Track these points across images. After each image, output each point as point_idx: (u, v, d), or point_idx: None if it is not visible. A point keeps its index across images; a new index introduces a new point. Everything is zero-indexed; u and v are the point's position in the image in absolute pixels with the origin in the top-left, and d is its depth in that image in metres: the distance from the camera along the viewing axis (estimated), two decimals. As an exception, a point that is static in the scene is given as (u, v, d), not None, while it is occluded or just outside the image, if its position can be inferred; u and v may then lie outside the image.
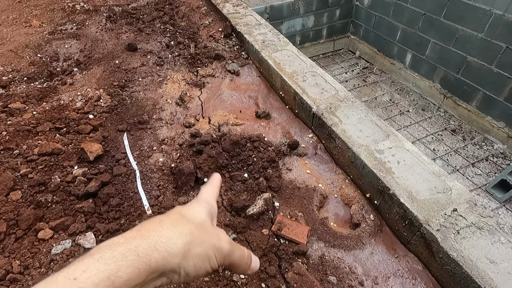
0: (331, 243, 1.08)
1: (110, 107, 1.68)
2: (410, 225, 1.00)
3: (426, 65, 4.03)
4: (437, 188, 1.04)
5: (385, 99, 4.34)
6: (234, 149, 1.35)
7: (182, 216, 0.45)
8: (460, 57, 3.57)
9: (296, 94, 1.52)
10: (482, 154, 3.56)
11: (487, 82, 3.40)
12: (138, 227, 0.42)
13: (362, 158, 1.16)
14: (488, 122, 3.53)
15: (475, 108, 3.63)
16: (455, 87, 3.77)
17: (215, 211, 0.53)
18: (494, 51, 3.20)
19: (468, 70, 3.54)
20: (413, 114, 4.10)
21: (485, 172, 3.36)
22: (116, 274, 0.34)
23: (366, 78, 4.73)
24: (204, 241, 0.43)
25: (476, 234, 0.91)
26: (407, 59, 4.25)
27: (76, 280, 0.33)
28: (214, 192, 0.58)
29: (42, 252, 1.04)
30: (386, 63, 4.62)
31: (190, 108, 1.71)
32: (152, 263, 0.37)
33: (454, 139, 3.75)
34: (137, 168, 1.36)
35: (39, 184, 1.27)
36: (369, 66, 4.95)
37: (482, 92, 3.49)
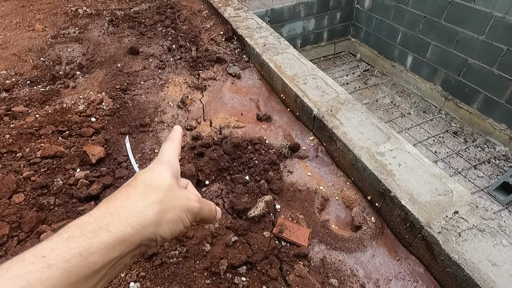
0: (332, 245, 1.08)
1: (112, 110, 1.69)
2: (412, 228, 1.00)
3: (427, 68, 4.03)
4: (438, 190, 1.04)
5: (386, 101, 4.34)
6: (235, 151, 1.36)
7: (147, 186, 0.44)
8: (461, 60, 3.57)
9: (297, 97, 1.53)
10: (484, 156, 3.55)
11: (488, 84, 3.40)
12: (105, 204, 0.41)
13: (363, 160, 1.16)
14: (490, 125, 3.52)
15: (476, 110, 3.62)
16: (456, 90, 3.77)
17: (178, 170, 0.52)
18: (495, 53, 3.20)
19: (469, 73, 3.54)
20: (414, 116, 4.09)
21: (487, 174, 3.35)
22: (89, 251, 0.34)
23: (367, 81, 4.74)
24: (174, 206, 0.44)
25: (478, 237, 0.91)
26: (408, 61, 4.26)
27: (45, 258, 0.32)
28: (175, 148, 0.55)
29: (44, 255, 1.04)
30: (387, 66, 4.63)
31: (191, 111, 1.72)
32: (127, 237, 0.37)
33: (455, 142, 3.74)
34: (139, 170, 1.36)
35: (41, 187, 1.27)
36: (370, 68, 4.96)
37: (484, 95, 3.49)
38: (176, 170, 0.51)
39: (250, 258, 1.01)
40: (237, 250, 1.03)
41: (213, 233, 1.11)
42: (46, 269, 0.31)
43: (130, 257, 0.39)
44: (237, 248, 1.04)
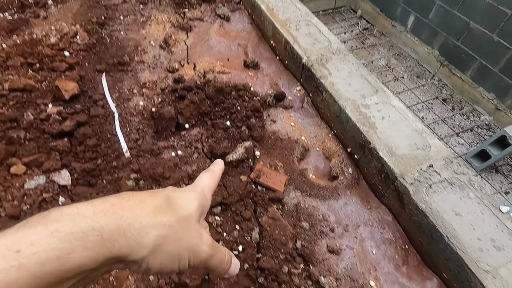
0: (307, 192, 1.10)
1: (87, 45, 1.56)
2: (386, 179, 1.02)
3: (427, 30, 3.87)
4: (417, 144, 1.04)
5: (382, 63, 4.23)
6: (218, 96, 1.30)
7: (168, 203, 0.39)
8: (463, 23, 3.43)
9: (287, 43, 1.44)
10: (468, 124, 3.61)
11: (485, 51, 3.32)
12: (116, 199, 0.35)
13: (347, 112, 1.14)
14: (479, 93, 3.52)
15: (469, 78, 3.59)
16: (453, 55, 3.68)
17: (208, 206, 0.46)
18: (498, 18, 3.07)
19: (469, 38, 3.43)
20: (407, 81, 4.04)
21: (467, 141, 3.44)
22: (68, 256, 0.29)
23: (364, 40, 4.55)
24: (181, 239, 0.37)
25: (447, 189, 0.94)
26: (409, 22, 4.07)
27: (19, 253, 0.27)
28: (213, 181, 0.49)
29: (15, 186, 1.02)
30: (387, 25, 4.42)
31: (174, 52, 1.61)
32: (115, 250, 0.32)
33: (443, 109, 3.76)
34: (116, 110, 1.30)
35: (10, 120, 1.21)
36: (369, 27, 4.73)
37: (479, 62, 3.43)
38: (205, 204, 0.45)
39: (226, 199, 1.02)
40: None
41: (190, 174, 1.10)
42: (14, 270, 0.26)
43: (104, 271, 0.33)
44: (213, 190, 1.04)
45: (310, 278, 0.90)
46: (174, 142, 1.22)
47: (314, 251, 0.95)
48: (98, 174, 1.10)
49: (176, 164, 1.14)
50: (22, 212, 0.95)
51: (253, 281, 0.88)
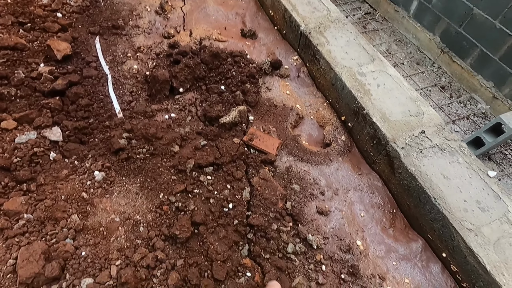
0: (299, 157, 1.10)
1: (81, 7, 1.52)
2: (378, 144, 1.02)
3: (430, 15, 3.82)
4: (411, 112, 1.04)
5: (382, 49, 4.19)
6: (213, 61, 1.28)
7: None
8: (466, 9, 3.38)
9: (285, 11, 1.41)
10: (464, 112, 3.62)
11: (486, 38, 3.29)
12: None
13: (343, 79, 1.13)
14: (478, 82, 3.51)
15: (468, 66, 3.57)
16: (454, 42, 3.65)
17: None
18: (502, 4, 3.03)
19: (471, 24, 3.39)
20: (407, 67, 4.01)
21: (463, 129, 3.46)
22: None
23: (366, 25, 4.49)
24: None
25: (438, 154, 0.94)
26: (413, 6, 4.00)
27: None
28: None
29: (5, 140, 1.01)
30: (390, 10, 4.35)
31: (170, 19, 1.57)
32: None
33: (441, 96, 3.76)
34: (109, 73, 1.28)
35: (1, 77, 1.18)
36: (372, 12, 4.66)
37: (479, 50, 3.40)
38: None
39: (218, 160, 1.02)
40: (205, 152, 1.03)
41: (182, 136, 1.10)
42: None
43: None
44: (205, 151, 1.04)
45: (298, 236, 0.91)
46: (168, 105, 1.21)
47: (303, 212, 0.96)
48: (90, 132, 1.09)
49: (169, 125, 1.13)
50: (13, 165, 0.95)
51: (242, 236, 0.89)
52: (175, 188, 0.96)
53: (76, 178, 0.97)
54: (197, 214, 0.90)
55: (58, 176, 0.96)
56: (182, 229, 0.86)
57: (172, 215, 0.91)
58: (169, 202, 0.93)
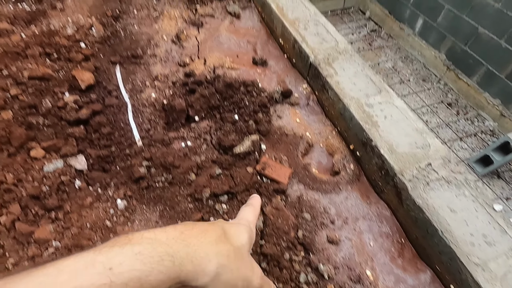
0: (310, 186, 1.14)
1: (102, 37, 1.61)
2: (386, 175, 1.07)
3: (435, 34, 3.88)
4: (417, 143, 1.08)
5: (388, 66, 4.25)
6: (227, 90, 1.35)
7: (225, 233, 0.42)
8: (471, 28, 3.44)
9: (295, 42, 1.48)
10: (472, 129, 3.63)
11: (492, 57, 3.33)
12: (182, 227, 0.39)
13: (351, 110, 1.18)
14: (485, 99, 3.53)
15: (474, 83, 3.60)
16: (459, 60, 3.69)
17: (254, 239, 0.49)
18: (507, 24, 3.08)
19: (477, 43, 3.44)
20: (413, 84, 4.06)
21: (471, 146, 3.46)
22: (147, 278, 0.32)
23: (372, 42, 4.57)
24: (238, 269, 0.41)
25: (444, 187, 0.98)
26: (418, 25, 4.08)
27: (111, 271, 0.31)
28: (256, 216, 0.53)
29: (35, 169, 1.09)
30: (395, 28, 4.43)
31: (186, 47, 1.66)
32: (183, 274, 0.35)
33: (448, 113, 3.78)
34: (129, 101, 1.36)
35: (30, 106, 1.27)
36: (377, 29, 4.75)
37: (485, 68, 3.43)
38: (253, 237, 0.48)
39: (232, 188, 1.07)
40: (221, 181, 1.09)
41: (198, 164, 1.16)
42: (105, 287, 0.30)
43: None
44: (221, 180, 1.09)
45: (309, 265, 0.95)
46: (184, 133, 1.27)
47: (314, 241, 1.00)
48: (112, 161, 1.16)
49: (185, 154, 1.19)
50: (42, 193, 1.02)
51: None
52: (192, 216, 1.01)
53: (99, 205, 1.03)
54: (213, 242, 0.94)
55: (83, 204, 1.02)
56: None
57: (189, 244, 0.95)
58: (187, 231, 0.98)
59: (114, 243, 0.34)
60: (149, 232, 0.36)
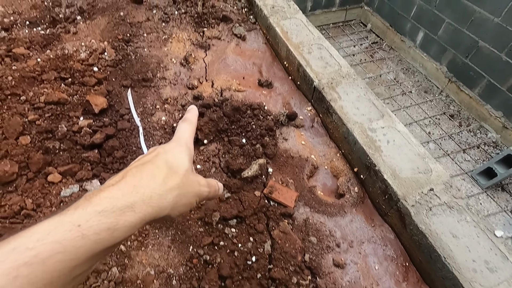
0: (316, 209, 1.18)
1: (114, 61, 1.68)
2: (389, 199, 1.10)
3: (436, 46, 3.94)
4: (419, 169, 1.12)
5: (390, 77, 4.30)
6: (234, 114, 1.40)
7: (169, 168, 0.49)
8: (472, 41, 3.49)
9: (300, 66, 1.54)
10: (475, 141, 3.65)
11: (493, 70, 3.37)
12: (132, 179, 0.45)
13: (355, 135, 1.23)
14: (487, 111, 3.56)
15: (476, 95, 3.64)
16: (461, 72, 3.74)
17: (192, 153, 0.56)
18: (507, 38, 3.13)
19: (477, 56, 3.49)
20: (415, 95, 4.10)
21: (474, 158, 3.48)
22: (115, 227, 0.39)
23: (373, 54, 4.64)
24: (188, 191, 0.50)
25: (446, 212, 1.02)
26: (418, 37, 4.14)
27: (80, 227, 0.37)
28: (192, 131, 0.59)
29: (52, 194, 1.14)
30: (396, 40, 4.50)
31: (194, 70, 1.72)
32: (146, 217, 0.43)
33: (450, 125, 3.81)
34: (140, 125, 1.42)
35: (46, 131, 1.33)
36: (378, 41, 4.82)
37: (487, 80, 3.47)
38: (191, 154, 0.55)
39: (241, 213, 1.11)
40: (230, 205, 1.13)
41: (208, 188, 1.20)
42: (79, 238, 0.36)
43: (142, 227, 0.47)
44: (230, 203, 1.14)
45: (316, 289, 0.98)
46: (194, 156, 1.32)
47: (321, 264, 1.04)
48: (125, 185, 1.20)
49: (195, 177, 1.24)
50: (59, 218, 1.06)
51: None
52: (203, 240, 1.05)
53: (114, 230, 1.07)
54: (223, 267, 0.98)
55: (98, 229, 1.06)
56: (211, 283, 0.94)
57: (201, 268, 0.99)
58: (198, 255, 1.02)
59: (76, 206, 0.40)
60: (105, 192, 0.42)
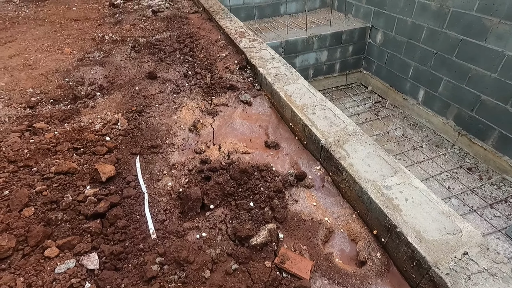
0: (335, 280, 1.04)
1: (126, 130, 1.75)
2: (419, 267, 0.96)
3: (439, 102, 4.03)
4: (447, 229, 1.00)
5: (398, 133, 4.32)
6: (241, 177, 1.37)
7: None
8: (473, 96, 3.57)
9: (305, 126, 1.56)
10: (500, 194, 3.41)
11: (502, 121, 3.35)
12: None
13: (369, 193, 1.15)
14: (506, 162, 3.42)
15: (491, 147, 3.55)
16: (469, 125, 3.73)
17: None
18: (509, 91, 3.19)
19: (483, 109, 3.52)
20: (427, 150, 4.03)
21: (504, 214, 3.20)
22: None
23: (378, 112, 4.76)
24: None
25: (489, 281, 0.87)
26: (420, 95, 4.28)
27: None
28: None
29: (46, 271, 1.05)
30: (398, 99, 4.66)
31: (202, 135, 1.76)
32: None
33: (470, 178, 3.63)
34: (146, 191, 1.39)
35: (51, 202, 1.31)
36: (381, 100, 5.00)
37: (498, 132, 3.43)
38: None
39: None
40: (237, 278, 1.01)
41: (213, 259, 1.09)
42: None
43: None
44: (237, 277, 1.02)
45: None
46: (199, 223, 1.25)
47: None
48: (125, 257, 1.12)
49: (200, 246, 1.14)
50: (49, 299, 0.96)
51: None
52: (206, 324, 0.91)
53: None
54: None
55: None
56: None
57: None
58: None
59: None
60: None
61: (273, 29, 4.83)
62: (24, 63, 2.55)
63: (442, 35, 3.63)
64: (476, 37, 3.28)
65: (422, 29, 3.84)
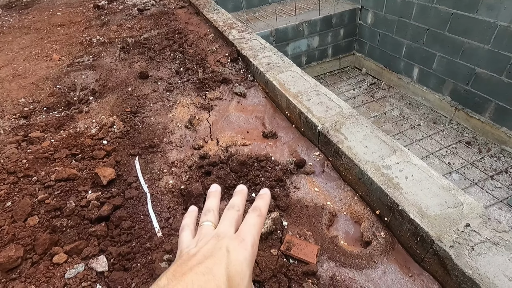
0: (341, 262, 1.06)
1: (122, 132, 1.75)
2: (422, 242, 0.98)
3: (434, 79, 4.02)
4: (448, 203, 1.01)
5: (395, 113, 4.31)
6: (241, 169, 1.37)
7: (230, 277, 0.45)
8: (468, 69, 3.55)
9: (301, 113, 1.55)
10: (500, 165, 3.44)
11: (498, 93, 3.35)
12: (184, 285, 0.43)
13: (369, 174, 1.16)
14: (504, 133, 3.43)
15: (488, 119, 3.55)
16: (465, 99, 3.73)
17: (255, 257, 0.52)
18: (503, 62, 3.17)
19: (478, 82, 3.51)
20: (425, 128, 4.04)
21: (505, 184, 3.23)
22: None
23: (374, 94, 4.75)
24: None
25: (492, 250, 0.88)
26: (414, 73, 4.26)
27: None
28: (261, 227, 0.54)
29: (56, 277, 1.07)
30: (393, 78, 4.64)
31: (198, 131, 1.76)
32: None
33: (469, 152, 3.65)
34: (148, 191, 1.39)
35: (55, 209, 1.31)
36: (376, 82, 4.97)
37: (495, 103, 3.43)
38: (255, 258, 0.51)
39: (258, 276, 1.00)
40: (245, 268, 1.02)
41: (220, 251, 1.11)
42: None
43: None
44: (245, 267, 1.03)
45: None
46: (203, 218, 1.25)
47: (358, 332, 0.88)
48: (132, 257, 1.13)
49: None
50: (62, 304, 0.97)
51: None
52: (218, 315, 0.92)
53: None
54: None
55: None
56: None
57: None
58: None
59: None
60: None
61: (262, 18, 4.76)
62: (13, 73, 2.52)
63: (432, 10, 3.59)
64: (467, 10, 3.24)
65: (413, 6, 3.80)
